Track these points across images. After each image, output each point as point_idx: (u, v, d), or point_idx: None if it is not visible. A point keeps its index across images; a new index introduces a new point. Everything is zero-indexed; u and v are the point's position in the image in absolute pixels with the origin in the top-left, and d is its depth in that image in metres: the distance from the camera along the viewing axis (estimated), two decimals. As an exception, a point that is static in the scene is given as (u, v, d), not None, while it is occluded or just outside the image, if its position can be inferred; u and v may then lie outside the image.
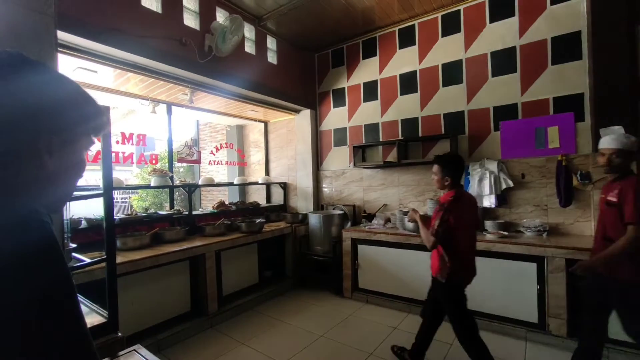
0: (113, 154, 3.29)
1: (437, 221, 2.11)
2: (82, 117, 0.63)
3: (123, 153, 3.34)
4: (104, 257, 1.24)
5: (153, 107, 3.85)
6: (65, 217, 1.87)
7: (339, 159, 4.66)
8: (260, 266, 4.04)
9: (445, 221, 2.08)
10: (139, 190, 7.55)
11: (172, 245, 3.09)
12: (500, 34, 3.40)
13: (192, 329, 3.01)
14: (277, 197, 5.26)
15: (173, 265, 3.00)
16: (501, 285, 2.87)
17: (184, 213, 3.76)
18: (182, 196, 6.76)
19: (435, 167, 2.27)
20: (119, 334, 1.23)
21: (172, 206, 3.98)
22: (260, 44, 4.08)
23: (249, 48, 3.95)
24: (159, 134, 6.62)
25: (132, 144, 3.40)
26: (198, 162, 4.75)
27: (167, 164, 4.05)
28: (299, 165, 4.96)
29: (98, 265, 1.41)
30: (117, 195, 9.60)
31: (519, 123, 3.31)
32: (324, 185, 4.82)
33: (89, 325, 1.21)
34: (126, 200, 8.32)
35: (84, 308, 1.37)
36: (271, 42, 4.28)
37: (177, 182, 3.93)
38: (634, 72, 2.77)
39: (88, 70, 2.84)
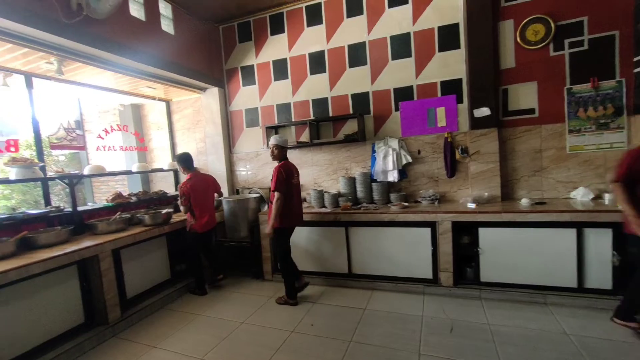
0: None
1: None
2: None
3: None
4: None
5: (3, 77, 3.01)
6: None
7: (252, 140, 4.49)
8: (171, 260, 3.71)
9: (182, 195, 3.36)
10: (-1, 187, 5.97)
11: (50, 249, 2.56)
12: (398, 20, 3.64)
13: (88, 343, 2.61)
14: (187, 184, 4.83)
15: (54, 273, 2.51)
16: (404, 250, 3.25)
17: (65, 210, 3.15)
18: (67, 190, 5.61)
19: (176, 163, 3.51)
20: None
21: (47, 203, 3.28)
22: (151, 8, 3.52)
23: (137, 12, 3.38)
24: (22, 114, 5.28)
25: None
26: (82, 148, 3.99)
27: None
28: (209, 148, 4.61)
29: None
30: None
31: (415, 104, 3.67)
32: (239, 169, 4.61)
33: None
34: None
35: None
36: (165, 8, 3.74)
37: (52, 173, 3.23)
38: (496, 64, 3.31)
39: None
